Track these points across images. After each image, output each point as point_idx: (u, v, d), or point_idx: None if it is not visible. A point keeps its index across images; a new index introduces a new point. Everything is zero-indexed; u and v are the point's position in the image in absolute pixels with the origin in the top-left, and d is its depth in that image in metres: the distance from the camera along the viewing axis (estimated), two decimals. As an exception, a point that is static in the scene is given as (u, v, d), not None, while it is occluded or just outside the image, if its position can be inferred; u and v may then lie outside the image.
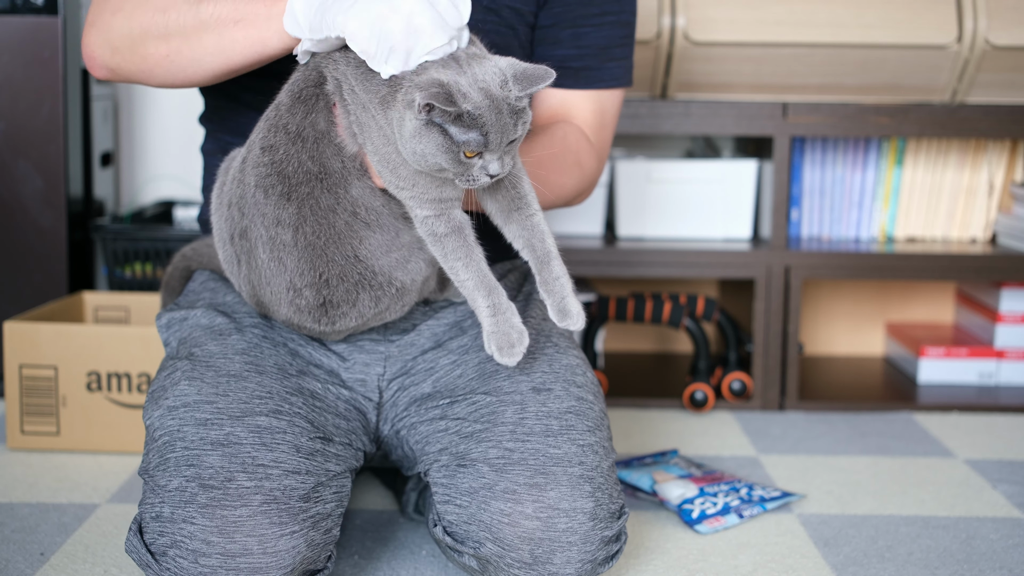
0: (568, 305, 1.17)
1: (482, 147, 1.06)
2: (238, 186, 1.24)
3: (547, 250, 1.18)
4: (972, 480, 1.73)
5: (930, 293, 2.48)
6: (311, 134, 1.18)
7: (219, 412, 1.20)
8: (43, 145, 2.10)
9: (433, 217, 1.16)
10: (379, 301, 1.24)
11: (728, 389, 2.12)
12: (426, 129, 1.05)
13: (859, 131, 2.09)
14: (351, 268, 1.21)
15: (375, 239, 1.21)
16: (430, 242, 1.17)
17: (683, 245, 2.14)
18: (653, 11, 2.08)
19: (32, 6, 2.08)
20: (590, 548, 1.18)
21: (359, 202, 1.19)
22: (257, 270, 1.25)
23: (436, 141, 1.05)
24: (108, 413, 1.78)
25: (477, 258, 1.17)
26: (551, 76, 1.08)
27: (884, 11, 2.10)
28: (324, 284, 1.21)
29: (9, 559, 1.37)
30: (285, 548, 1.12)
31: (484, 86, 1.05)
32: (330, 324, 1.25)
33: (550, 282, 1.18)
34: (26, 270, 2.12)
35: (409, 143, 1.07)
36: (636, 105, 2.08)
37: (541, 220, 1.19)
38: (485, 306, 1.16)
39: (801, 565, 1.40)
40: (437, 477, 1.25)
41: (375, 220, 1.21)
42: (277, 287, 1.23)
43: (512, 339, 1.16)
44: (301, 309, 1.24)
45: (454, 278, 1.17)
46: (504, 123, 1.06)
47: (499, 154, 1.07)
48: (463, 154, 1.06)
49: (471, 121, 1.05)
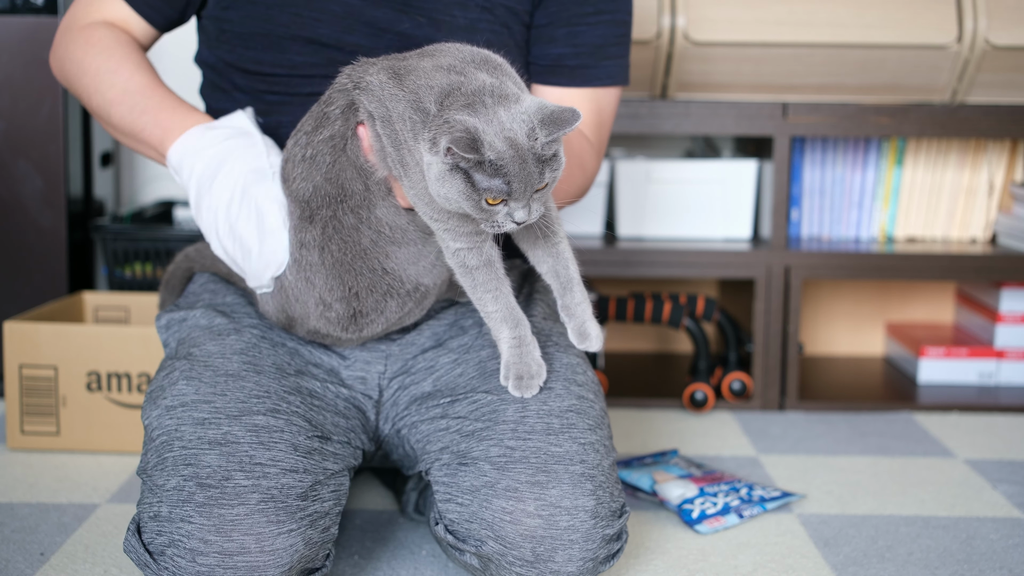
0: (588, 329, 1.22)
1: (505, 195, 1.06)
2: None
3: (570, 277, 1.22)
4: (972, 480, 1.72)
5: (930, 293, 2.48)
6: (328, 157, 1.19)
7: (217, 411, 1.20)
8: (43, 145, 2.10)
9: (466, 250, 1.17)
10: (404, 305, 1.26)
11: (728, 389, 2.12)
12: (450, 174, 1.06)
13: (859, 131, 2.09)
14: (379, 281, 1.23)
15: (402, 253, 1.23)
16: (460, 273, 1.19)
17: (683, 245, 2.14)
18: (653, 11, 2.08)
19: (32, 6, 2.08)
20: (591, 546, 1.18)
21: (384, 222, 1.21)
22: (284, 290, 1.26)
23: (459, 187, 1.06)
24: (108, 413, 1.78)
25: (506, 291, 1.19)
26: (578, 118, 1.07)
27: (884, 11, 2.10)
28: (354, 297, 1.24)
29: (9, 559, 1.37)
30: (283, 546, 1.12)
31: (510, 135, 1.05)
32: (358, 332, 1.27)
33: (572, 307, 1.22)
34: (26, 270, 2.12)
35: (434, 185, 1.08)
36: (636, 105, 2.08)
37: (566, 247, 1.22)
38: (511, 337, 1.20)
39: (801, 565, 1.40)
40: (438, 476, 1.25)
41: (401, 237, 1.22)
42: (306, 303, 1.25)
43: (532, 371, 1.22)
44: (331, 321, 1.26)
45: (481, 309, 1.20)
46: (529, 172, 1.06)
47: (524, 202, 1.07)
48: (485, 201, 1.06)
49: (494, 170, 1.05)
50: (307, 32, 1.34)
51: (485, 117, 1.05)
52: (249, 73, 1.37)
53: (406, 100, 1.10)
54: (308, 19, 1.34)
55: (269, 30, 1.34)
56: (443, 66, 1.11)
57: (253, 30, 1.35)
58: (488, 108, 1.06)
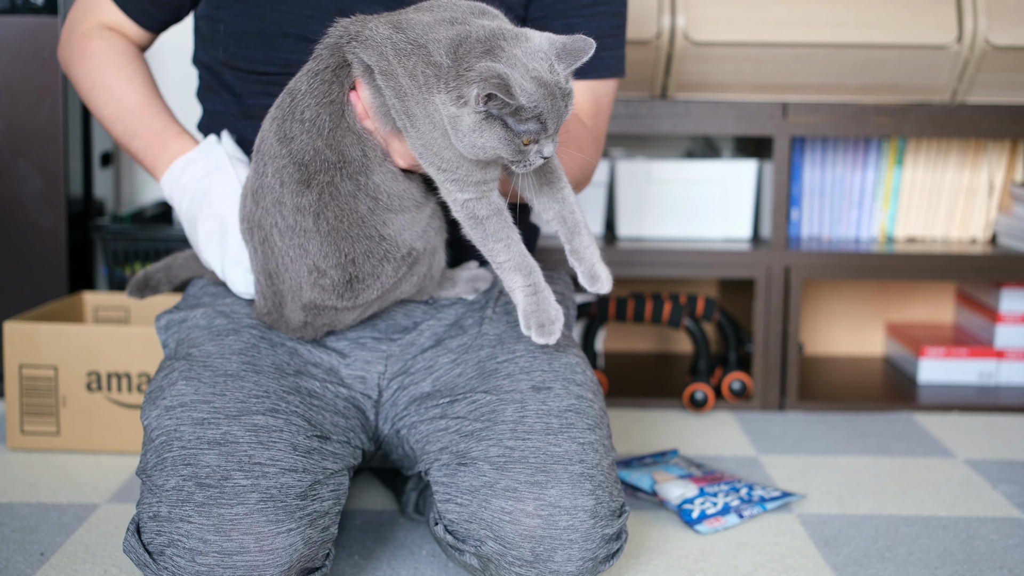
0: (598, 270, 1.22)
1: (540, 134, 1.08)
2: (255, 176, 1.25)
3: (576, 220, 1.21)
4: (972, 480, 1.72)
5: (930, 293, 2.48)
6: (328, 123, 1.18)
7: (216, 411, 1.20)
8: (43, 145, 2.11)
9: (475, 200, 1.16)
10: (399, 270, 1.26)
11: (728, 389, 2.12)
12: (486, 123, 1.07)
13: (859, 131, 2.09)
14: (376, 247, 1.23)
15: (398, 220, 1.23)
16: (470, 225, 1.18)
17: (683, 245, 2.14)
18: (653, 11, 2.08)
19: (32, 6, 2.08)
20: (591, 546, 1.18)
21: (381, 188, 1.21)
22: (274, 258, 1.25)
23: (497, 134, 1.07)
24: (108, 413, 1.78)
25: (516, 239, 1.18)
26: (592, 46, 1.09)
27: (884, 11, 2.10)
28: (350, 263, 1.23)
29: (9, 559, 1.37)
30: (282, 546, 1.12)
31: (535, 74, 1.06)
32: (353, 298, 1.26)
33: (580, 250, 1.21)
34: (26, 270, 2.12)
35: (468, 137, 1.08)
36: (636, 105, 2.08)
37: (570, 193, 1.22)
38: (525, 285, 1.18)
39: (801, 565, 1.40)
40: (438, 476, 1.25)
41: (398, 204, 1.22)
42: (299, 272, 1.24)
43: (551, 316, 1.19)
44: (325, 288, 1.25)
45: (492, 259, 1.18)
46: (559, 108, 1.08)
47: (553, 137, 1.10)
48: (522, 143, 1.07)
49: (528, 111, 1.06)
50: (298, 29, 1.34)
51: (508, 61, 1.06)
52: (243, 72, 1.38)
53: (416, 54, 1.10)
54: (299, 16, 1.35)
55: (261, 28, 1.35)
56: (445, 19, 1.11)
57: (245, 28, 1.36)
58: (506, 52, 1.07)
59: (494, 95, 1.04)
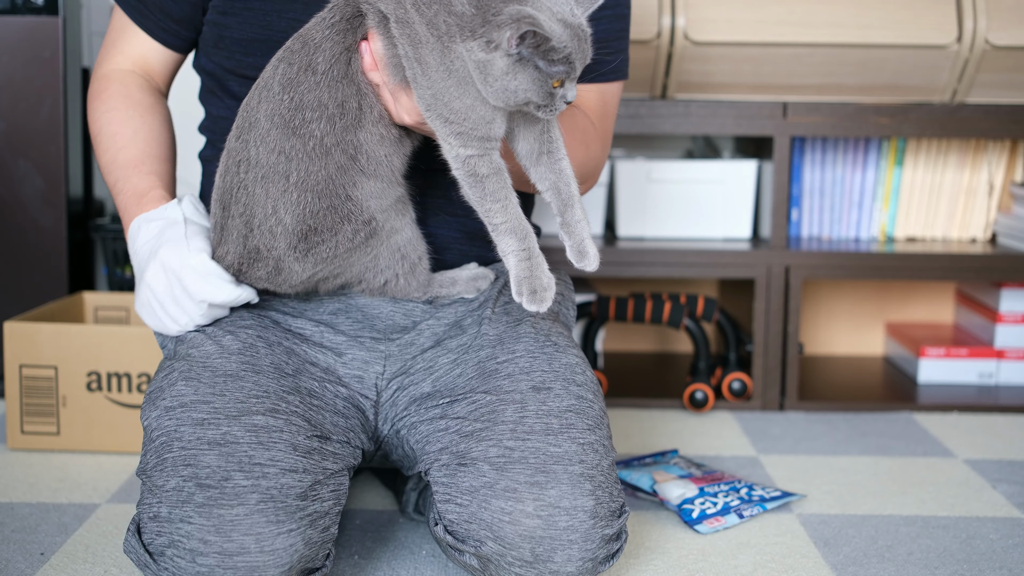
0: (586, 247, 1.21)
1: (567, 76, 1.09)
2: (245, 115, 1.25)
3: (571, 194, 1.21)
4: (972, 480, 1.73)
5: (930, 293, 2.48)
6: (335, 73, 1.19)
7: (216, 412, 1.20)
8: (43, 145, 2.11)
9: (476, 157, 1.16)
10: (356, 235, 1.24)
11: (728, 389, 2.12)
12: (519, 66, 1.08)
13: (859, 131, 2.09)
14: (341, 205, 1.22)
15: (368, 185, 1.23)
16: (469, 184, 1.17)
17: (683, 245, 2.14)
18: (653, 11, 2.08)
19: (32, 6, 2.08)
20: (591, 546, 1.18)
21: (362, 148, 1.21)
22: (252, 196, 1.24)
23: (530, 75, 1.08)
24: (108, 413, 1.78)
25: (514, 202, 1.18)
26: None
27: (884, 11, 2.10)
28: (311, 215, 1.22)
29: (9, 559, 1.37)
30: (282, 546, 1.12)
31: (561, 16, 1.08)
32: (305, 250, 1.24)
33: (572, 224, 1.21)
34: (26, 270, 2.12)
35: (500, 81, 1.09)
36: (636, 105, 2.08)
37: (568, 166, 1.22)
38: (520, 249, 1.17)
39: (801, 565, 1.40)
40: (438, 476, 1.25)
41: (373, 170, 1.22)
42: (264, 212, 1.23)
43: (544, 283, 1.18)
44: (277, 236, 1.24)
45: (488, 221, 1.17)
46: (584, 49, 1.10)
47: (575, 81, 1.11)
48: (552, 85, 1.09)
49: (559, 53, 1.07)
50: None
51: (534, 4, 1.08)
52: (248, 79, 1.37)
53: (437, 3, 1.11)
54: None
55: (267, 36, 1.34)
56: None
57: (251, 36, 1.36)
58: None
59: (526, 36, 1.05)
